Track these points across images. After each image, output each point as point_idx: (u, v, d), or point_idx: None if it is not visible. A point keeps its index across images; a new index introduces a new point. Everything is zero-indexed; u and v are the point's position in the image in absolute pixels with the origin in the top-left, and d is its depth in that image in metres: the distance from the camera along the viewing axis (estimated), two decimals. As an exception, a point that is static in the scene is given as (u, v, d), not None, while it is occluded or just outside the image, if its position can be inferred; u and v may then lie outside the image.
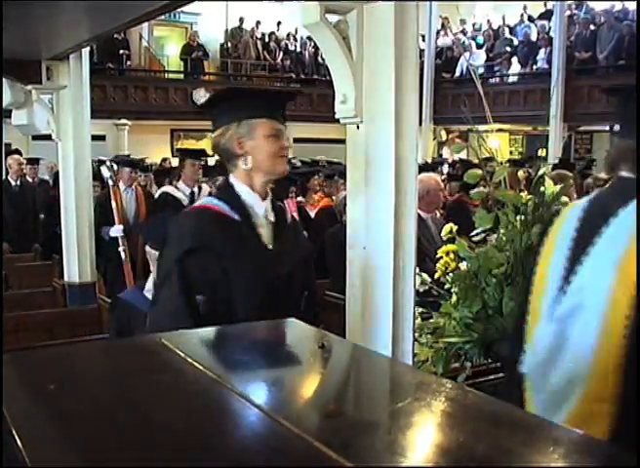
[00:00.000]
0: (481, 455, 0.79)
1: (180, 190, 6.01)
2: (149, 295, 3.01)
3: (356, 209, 2.45)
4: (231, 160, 2.12)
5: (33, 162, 8.98)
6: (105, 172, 5.31)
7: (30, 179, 8.46)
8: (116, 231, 5.13)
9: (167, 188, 6.42)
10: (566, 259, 1.35)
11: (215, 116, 2.17)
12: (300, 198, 6.67)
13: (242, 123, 2.07)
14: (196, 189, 5.92)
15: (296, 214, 5.65)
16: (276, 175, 2.16)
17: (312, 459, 0.77)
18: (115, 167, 5.51)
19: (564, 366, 1.29)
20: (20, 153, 8.00)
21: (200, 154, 6.49)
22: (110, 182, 5.29)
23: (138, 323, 2.95)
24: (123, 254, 4.95)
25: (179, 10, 13.82)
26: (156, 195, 6.54)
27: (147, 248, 3.04)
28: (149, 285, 3.05)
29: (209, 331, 1.37)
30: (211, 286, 1.98)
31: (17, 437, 0.82)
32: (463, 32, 18.15)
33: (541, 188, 2.53)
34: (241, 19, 18.17)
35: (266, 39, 18.46)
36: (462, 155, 12.52)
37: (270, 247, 2.12)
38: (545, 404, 1.33)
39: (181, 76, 17.27)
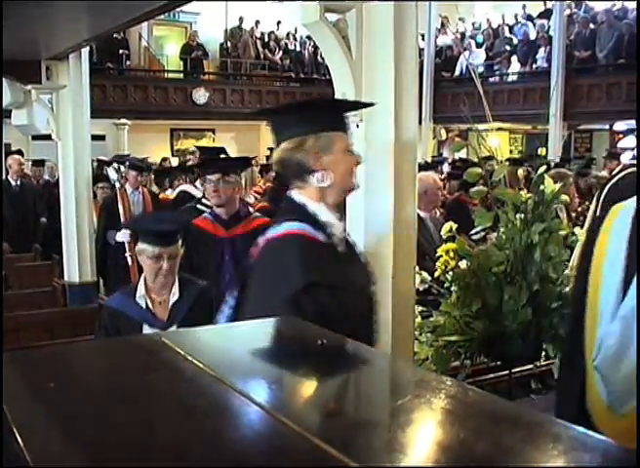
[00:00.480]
0: (481, 452, 0.79)
1: (198, 189, 5.99)
2: (142, 303, 2.87)
3: (356, 208, 2.45)
4: (302, 175, 1.90)
5: (38, 163, 8.72)
6: (112, 173, 5.25)
7: (35, 181, 8.37)
8: (123, 236, 5.03)
9: (185, 187, 6.42)
10: (624, 260, 1.42)
11: (285, 126, 1.92)
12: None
13: (320, 136, 1.86)
14: None
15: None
16: (350, 191, 1.99)
17: (313, 457, 0.77)
18: (122, 168, 5.45)
19: (632, 360, 1.38)
20: (22, 154, 7.97)
21: (220, 152, 6.46)
22: (117, 185, 5.22)
23: (130, 331, 2.81)
24: (130, 260, 4.84)
25: (178, 9, 13.82)
26: (174, 193, 6.53)
27: (140, 245, 2.85)
28: (142, 290, 2.90)
29: (209, 330, 1.38)
30: (327, 320, 1.71)
31: (18, 436, 0.82)
32: (463, 33, 18.15)
33: (541, 187, 2.54)
34: (240, 19, 18.17)
35: (266, 38, 18.46)
36: (462, 154, 12.52)
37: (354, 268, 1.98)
38: (615, 395, 1.42)
39: (181, 76, 17.28)
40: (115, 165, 5.39)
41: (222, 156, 5.17)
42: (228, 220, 3.73)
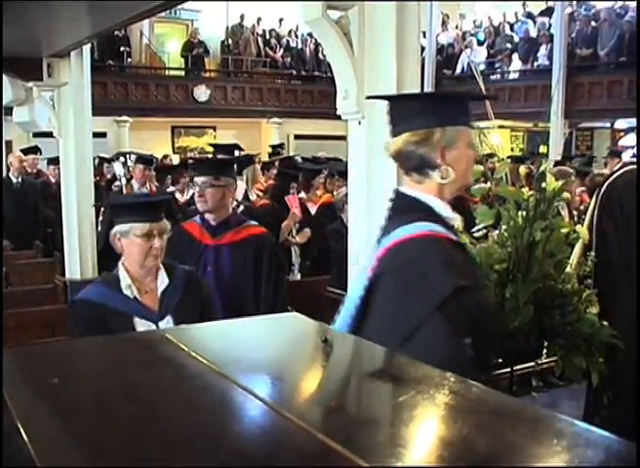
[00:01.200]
0: (485, 448, 0.80)
1: None
2: (129, 293, 2.55)
3: (358, 205, 2.45)
4: (423, 170, 1.77)
5: (55, 162, 7.66)
6: (118, 168, 5.20)
7: (53, 179, 8.17)
8: None
9: None
10: None
11: (410, 116, 1.79)
12: (301, 194, 6.68)
13: (447, 129, 1.75)
14: None
15: (298, 211, 5.65)
16: (467, 188, 1.94)
17: (317, 452, 0.77)
18: (129, 162, 5.38)
19: None
20: (39, 151, 7.85)
21: (233, 148, 6.39)
22: (124, 180, 5.14)
23: (121, 327, 2.47)
24: None
25: (179, 7, 13.82)
26: (188, 194, 6.51)
27: (124, 226, 2.54)
28: (127, 279, 2.57)
29: (212, 326, 1.38)
30: (474, 325, 1.65)
31: (22, 432, 0.82)
32: (465, 31, 18.15)
33: (543, 184, 2.54)
34: (242, 16, 18.16)
35: (267, 36, 18.45)
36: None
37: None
38: None
39: (182, 73, 17.29)
40: (122, 158, 5.32)
41: (213, 157, 5.09)
42: (216, 227, 3.46)
